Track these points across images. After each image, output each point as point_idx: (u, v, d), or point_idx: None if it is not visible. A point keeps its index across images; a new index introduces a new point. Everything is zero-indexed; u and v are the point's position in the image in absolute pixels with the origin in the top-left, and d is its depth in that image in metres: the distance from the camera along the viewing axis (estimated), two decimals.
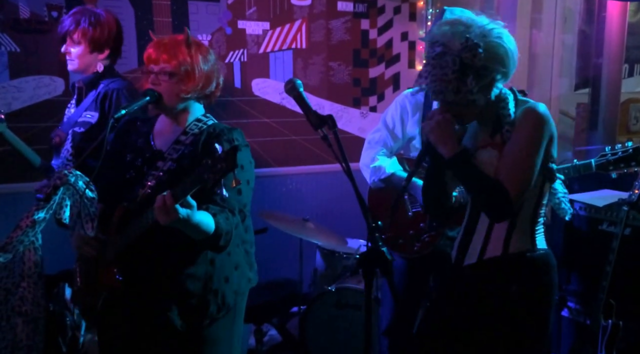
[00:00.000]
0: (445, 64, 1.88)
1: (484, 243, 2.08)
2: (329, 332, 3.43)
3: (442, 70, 1.89)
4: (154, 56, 2.05)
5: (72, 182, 1.99)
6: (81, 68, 2.76)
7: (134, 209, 2.04)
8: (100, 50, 2.73)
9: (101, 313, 2.15)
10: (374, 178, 2.83)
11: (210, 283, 2.10)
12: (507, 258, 2.05)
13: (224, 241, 1.97)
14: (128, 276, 2.07)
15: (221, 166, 1.67)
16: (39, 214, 1.99)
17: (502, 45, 1.92)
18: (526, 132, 1.96)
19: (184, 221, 1.79)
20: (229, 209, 2.00)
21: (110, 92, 2.69)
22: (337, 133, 1.88)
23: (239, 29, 4.11)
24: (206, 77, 2.10)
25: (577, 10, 4.97)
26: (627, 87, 5.07)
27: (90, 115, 2.73)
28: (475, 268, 2.10)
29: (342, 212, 4.10)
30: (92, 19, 2.70)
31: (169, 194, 1.75)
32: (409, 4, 4.56)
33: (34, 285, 2.21)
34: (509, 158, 1.96)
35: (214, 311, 2.12)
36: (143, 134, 2.20)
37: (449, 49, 1.89)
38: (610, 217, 3.22)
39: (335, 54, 4.39)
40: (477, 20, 1.94)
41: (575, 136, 5.04)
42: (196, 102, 2.16)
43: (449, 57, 1.88)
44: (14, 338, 2.20)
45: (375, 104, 4.57)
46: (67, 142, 2.77)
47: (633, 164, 2.52)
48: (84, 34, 2.68)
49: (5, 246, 2.03)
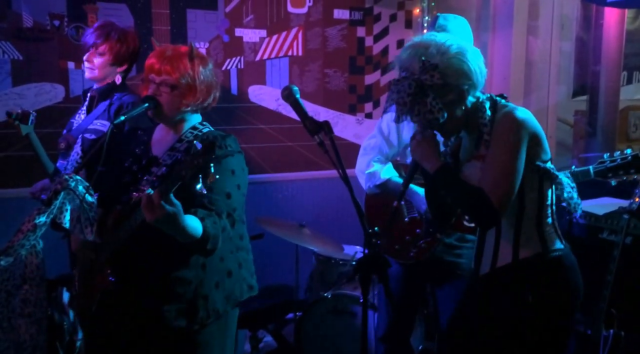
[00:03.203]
0: (402, 88, 1.94)
1: (494, 252, 2.07)
2: (324, 338, 3.43)
3: (399, 94, 1.95)
4: (156, 67, 2.07)
5: (73, 187, 2.02)
6: (99, 77, 2.87)
7: (126, 212, 2.06)
8: (121, 64, 2.87)
9: (94, 316, 2.16)
10: (369, 184, 2.83)
11: (200, 288, 2.11)
12: (518, 265, 2.03)
13: (212, 244, 1.99)
14: (120, 277, 2.09)
15: (197, 162, 1.70)
16: (40, 218, 2.00)
17: (462, 60, 1.94)
18: (503, 138, 1.97)
19: (170, 220, 1.80)
20: (216, 212, 2.01)
21: (125, 106, 2.80)
22: (334, 139, 1.89)
23: (236, 36, 4.14)
24: (206, 91, 2.14)
25: (574, 17, 4.99)
26: (625, 95, 5.09)
27: (101, 123, 2.81)
28: (488, 278, 2.10)
29: (338, 219, 4.11)
30: (121, 36, 2.84)
31: (155, 192, 1.78)
32: (404, 11, 4.59)
33: (36, 287, 2.23)
34: (490, 166, 1.97)
35: (204, 317, 2.12)
36: (142, 142, 2.24)
37: (410, 73, 1.95)
38: (610, 225, 3.20)
39: (331, 61, 4.42)
40: (437, 39, 1.97)
41: (574, 143, 5.05)
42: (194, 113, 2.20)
43: (406, 81, 1.93)
44: (17, 338, 2.22)
45: (370, 110, 4.59)
46: (76, 146, 2.85)
47: (632, 171, 2.49)
48: (111, 48, 2.81)
49: (7, 250, 2.05)
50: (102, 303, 2.13)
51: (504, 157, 1.95)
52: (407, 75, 1.95)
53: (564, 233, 2.12)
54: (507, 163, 1.94)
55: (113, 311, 2.15)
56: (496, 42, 4.65)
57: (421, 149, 2.05)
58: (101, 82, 2.90)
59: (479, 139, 2.04)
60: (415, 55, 1.94)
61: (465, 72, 1.95)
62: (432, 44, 1.95)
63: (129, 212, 2.04)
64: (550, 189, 2.07)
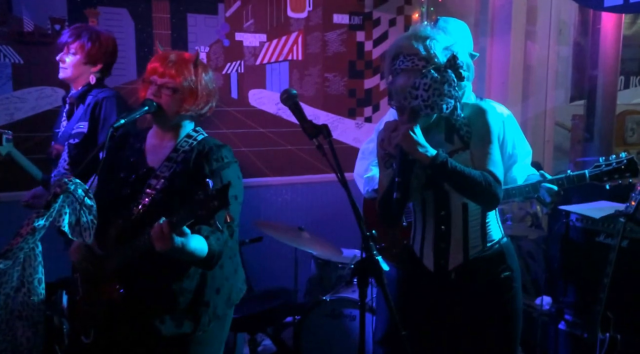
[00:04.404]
0: (444, 79, 1.97)
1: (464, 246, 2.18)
2: (323, 342, 3.43)
3: (442, 85, 1.97)
4: (160, 70, 2.08)
5: (72, 190, 2.01)
6: (72, 77, 2.88)
7: (129, 227, 2.07)
8: (94, 63, 2.87)
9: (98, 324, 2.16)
10: (367, 188, 2.84)
11: (201, 296, 2.12)
12: (468, 263, 2.17)
13: (216, 261, 2.02)
14: (126, 289, 2.10)
15: (213, 205, 1.71)
16: (39, 222, 2.00)
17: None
18: (484, 127, 2.08)
19: (179, 249, 1.84)
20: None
21: (100, 100, 2.82)
22: (332, 142, 1.89)
23: (236, 41, 4.16)
24: (206, 98, 2.15)
25: (571, 22, 5.01)
26: (623, 99, 5.09)
27: (82, 125, 2.83)
28: (461, 269, 2.18)
29: (337, 222, 4.12)
30: (93, 35, 2.85)
31: (165, 223, 1.79)
32: (404, 16, 4.62)
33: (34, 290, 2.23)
34: (483, 152, 2.07)
35: (206, 323, 2.14)
36: (136, 150, 2.22)
37: (424, 61, 1.97)
38: (607, 229, 3.20)
39: (331, 66, 4.44)
40: (434, 31, 2.07)
41: (571, 147, 5.06)
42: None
43: (435, 73, 1.96)
44: (14, 341, 2.22)
45: (370, 114, 4.61)
46: (63, 153, 2.87)
47: (627, 175, 2.50)
48: (82, 46, 2.82)
49: (5, 253, 2.05)
50: (108, 312, 2.13)
51: (491, 143, 2.08)
52: (423, 64, 1.96)
53: (560, 237, 2.16)
54: (494, 148, 2.08)
55: (115, 320, 2.14)
56: (494, 47, 4.67)
57: (411, 139, 2.00)
58: (75, 83, 2.90)
59: (449, 134, 2.11)
60: (426, 42, 1.98)
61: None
62: (436, 34, 2.03)
63: (131, 227, 2.05)
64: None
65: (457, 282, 2.18)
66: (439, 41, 2.00)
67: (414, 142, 1.99)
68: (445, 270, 2.18)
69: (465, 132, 2.08)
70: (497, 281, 2.19)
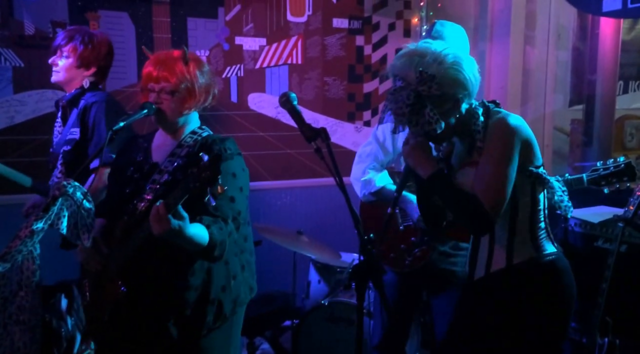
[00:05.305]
0: (400, 98, 1.93)
1: (488, 257, 2.08)
2: (321, 346, 3.43)
3: (397, 104, 1.93)
4: (154, 74, 2.09)
5: (71, 193, 2.02)
6: (64, 80, 2.83)
7: (134, 223, 2.07)
8: (87, 67, 2.81)
9: (105, 326, 2.17)
10: (364, 192, 2.83)
11: (207, 293, 2.11)
12: (512, 269, 2.05)
13: (219, 251, 1.99)
14: (130, 287, 2.10)
15: (205, 174, 1.71)
16: (37, 225, 2.01)
17: (458, 70, 1.94)
18: (496, 144, 1.98)
19: (177, 232, 1.82)
20: (222, 218, 2.02)
21: (89, 105, 2.77)
22: (330, 146, 1.89)
23: (236, 44, 4.17)
24: (205, 92, 2.16)
25: (570, 27, 5.01)
26: (621, 104, 5.09)
27: (74, 131, 2.79)
28: (483, 282, 2.11)
29: (336, 226, 4.13)
30: (86, 38, 2.79)
31: (161, 204, 1.79)
32: (403, 20, 4.63)
33: (31, 294, 2.23)
34: (482, 172, 1.98)
35: (211, 321, 2.13)
36: (143, 149, 2.25)
37: (406, 83, 1.93)
38: (605, 233, 3.20)
39: (330, 70, 4.45)
40: (432, 48, 1.96)
41: (570, 152, 5.06)
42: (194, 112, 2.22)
43: (404, 91, 1.92)
44: (11, 345, 2.21)
45: (369, 118, 4.62)
46: (57, 163, 2.83)
47: (625, 179, 2.51)
48: (74, 49, 2.77)
49: (4, 256, 2.05)
50: (112, 312, 2.14)
51: (497, 164, 1.96)
52: (404, 84, 1.93)
53: (559, 241, 2.13)
54: (500, 169, 1.95)
55: (122, 319, 2.15)
56: (494, 52, 4.68)
57: (415, 155, 2.04)
58: (68, 87, 2.85)
59: (471, 146, 2.05)
60: (411, 64, 1.93)
61: (462, 82, 1.94)
62: (429, 53, 1.94)
63: (136, 222, 2.05)
64: (542, 193, 2.09)
65: (479, 295, 2.14)
66: (423, 58, 1.94)
67: (414, 158, 2.04)
68: (471, 281, 2.16)
69: (478, 147, 2.02)
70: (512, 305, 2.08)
